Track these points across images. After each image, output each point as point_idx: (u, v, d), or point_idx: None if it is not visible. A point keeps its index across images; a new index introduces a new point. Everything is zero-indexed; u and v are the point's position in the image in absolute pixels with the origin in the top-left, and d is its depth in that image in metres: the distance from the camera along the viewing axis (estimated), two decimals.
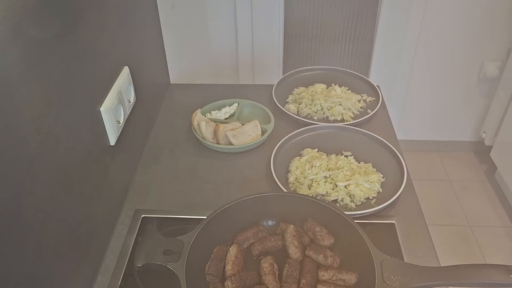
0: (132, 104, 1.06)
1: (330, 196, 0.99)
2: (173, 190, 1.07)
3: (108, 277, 0.87)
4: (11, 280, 0.60)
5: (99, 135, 0.89)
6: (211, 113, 1.28)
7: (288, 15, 2.11)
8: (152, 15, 1.30)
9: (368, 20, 2.14)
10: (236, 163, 1.14)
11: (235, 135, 1.16)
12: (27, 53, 0.62)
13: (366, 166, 1.07)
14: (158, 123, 1.30)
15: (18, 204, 0.61)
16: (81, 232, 0.81)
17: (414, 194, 1.03)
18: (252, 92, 1.41)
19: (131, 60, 1.08)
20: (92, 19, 0.85)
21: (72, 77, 0.76)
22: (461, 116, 2.47)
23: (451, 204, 2.33)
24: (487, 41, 2.17)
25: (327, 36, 2.20)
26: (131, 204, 1.03)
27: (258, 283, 0.80)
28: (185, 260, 0.76)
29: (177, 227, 0.96)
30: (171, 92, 1.45)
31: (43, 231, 0.68)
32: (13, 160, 0.60)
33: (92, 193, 0.86)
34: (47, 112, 0.68)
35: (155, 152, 1.19)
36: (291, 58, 2.27)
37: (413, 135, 2.56)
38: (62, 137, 0.73)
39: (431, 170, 2.55)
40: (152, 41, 1.31)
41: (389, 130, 1.24)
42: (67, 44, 0.74)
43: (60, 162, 0.73)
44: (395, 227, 0.94)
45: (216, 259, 0.81)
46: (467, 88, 2.35)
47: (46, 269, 0.69)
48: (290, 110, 1.30)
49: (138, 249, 0.80)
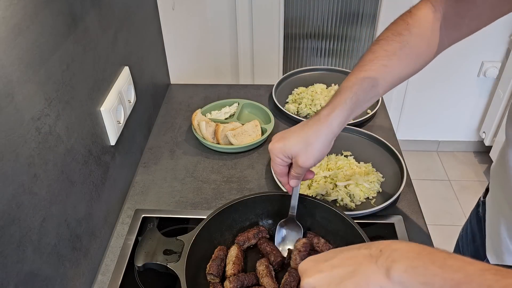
0: (132, 104, 1.06)
1: (330, 196, 0.99)
2: (173, 190, 1.07)
3: (108, 277, 0.87)
4: (11, 280, 0.60)
5: (99, 135, 0.89)
6: (211, 113, 1.28)
7: (288, 15, 2.11)
8: (152, 15, 1.30)
9: (368, 20, 2.14)
10: (236, 163, 1.14)
11: (235, 135, 1.16)
12: (27, 53, 0.62)
13: (366, 166, 1.07)
14: (158, 123, 1.30)
15: (18, 204, 0.61)
16: (81, 232, 0.81)
17: (414, 194, 1.03)
18: (252, 92, 1.41)
19: (131, 60, 1.08)
20: (92, 19, 0.85)
21: (72, 77, 0.76)
22: (461, 116, 2.47)
23: (451, 204, 2.33)
24: (487, 41, 2.17)
25: (327, 36, 2.20)
26: (131, 204, 1.03)
27: (256, 283, 0.80)
28: (185, 260, 0.76)
29: (177, 227, 0.96)
30: (171, 92, 1.45)
31: (43, 231, 0.68)
32: (13, 160, 0.60)
33: (92, 193, 0.86)
34: (47, 112, 0.68)
35: (155, 152, 1.19)
36: (291, 58, 2.27)
37: (413, 135, 2.56)
38: (62, 137, 0.73)
39: (431, 170, 2.55)
40: (152, 41, 1.31)
41: (389, 130, 1.24)
42: (67, 44, 0.74)
43: (60, 162, 0.73)
44: (394, 227, 0.94)
45: (217, 259, 0.81)
46: (466, 88, 2.35)
47: (46, 269, 0.69)
48: (290, 110, 1.30)
49: (138, 249, 0.81)
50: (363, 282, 0.48)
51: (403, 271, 0.46)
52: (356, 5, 2.09)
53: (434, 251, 0.47)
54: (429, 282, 0.44)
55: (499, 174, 0.85)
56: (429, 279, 0.44)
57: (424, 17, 0.76)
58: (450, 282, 0.43)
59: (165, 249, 0.79)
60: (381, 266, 0.48)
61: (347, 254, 0.52)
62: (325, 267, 0.53)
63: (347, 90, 0.73)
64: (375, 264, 0.48)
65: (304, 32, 2.18)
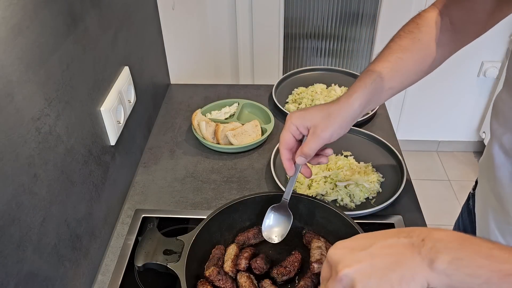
0: (132, 104, 1.06)
1: (330, 196, 0.99)
2: (173, 190, 1.07)
3: (108, 277, 0.87)
4: (11, 280, 0.60)
5: (99, 135, 0.89)
6: (211, 113, 1.28)
7: (288, 15, 2.11)
8: (152, 15, 1.30)
9: (368, 20, 2.14)
10: (236, 163, 1.14)
11: (235, 135, 1.16)
12: (27, 53, 0.62)
13: (366, 166, 1.08)
14: (158, 123, 1.30)
15: (18, 204, 0.61)
16: (81, 232, 0.81)
17: (414, 194, 1.03)
18: (252, 92, 1.41)
19: (131, 60, 1.08)
20: (92, 19, 0.85)
21: (72, 77, 0.76)
22: (460, 116, 2.47)
23: (451, 204, 2.33)
24: (487, 41, 2.17)
25: (327, 36, 2.20)
26: (131, 204, 1.03)
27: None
28: (185, 260, 0.76)
29: (177, 227, 0.96)
30: (171, 92, 1.45)
31: (43, 231, 0.68)
32: (13, 160, 0.60)
33: (92, 193, 0.86)
34: (47, 112, 0.68)
35: (155, 152, 1.19)
36: (291, 58, 2.27)
37: (413, 135, 2.56)
38: (62, 137, 0.73)
39: (430, 170, 2.55)
40: (152, 41, 1.31)
41: (389, 130, 1.24)
42: (67, 44, 0.74)
43: (60, 162, 0.73)
44: (394, 227, 0.94)
45: (214, 259, 0.81)
46: (466, 88, 2.35)
47: (46, 269, 0.69)
48: (290, 110, 1.30)
49: (138, 249, 0.81)
50: (408, 274, 0.46)
51: (449, 262, 0.44)
52: (356, 5, 2.09)
53: (478, 241, 0.45)
54: (475, 273, 0.43)
55: (485, 167, 0.87)
56: (475, 270, 0.43)
57: (432, 19, 0.81)
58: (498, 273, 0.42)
59: (165, 249, 0.79)
60: (425, 257, 0.46)
61: (386, 242, 0.49)
62: (363, 257, 0.49)
63: (367, 77, 0.76)
64: (418, 255, 0.46)
65: (304, 32, 2.18)
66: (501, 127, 0.79)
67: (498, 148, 0.79)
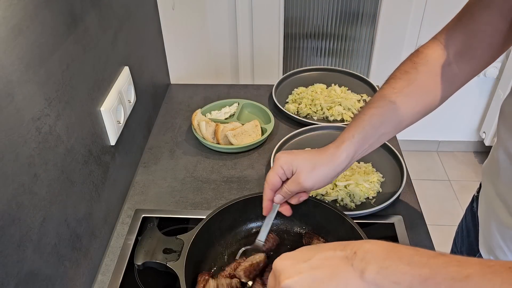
0: (132, 104, 1.06)
1: (330, 196, 0.99)
2: (173, 190, 1.07)
3: (108, 276, 0.87)
4: (11, 280, 0.60)
5: (99, 135, 0.89)
6: (211, 113, 1.28)
7: (288, 15, 2.11)
8: (152, 15, 1.30)
9: (368, 20, 2.14)
10: (236, 163, 1.14)
11: (235, 135, 1.16)
12: (27, 53, 0.62)
13: (366, 166, 1.08)
14: (158, 123, 1.30)
15: (18, 204, 0.61)
16: (81, 232, 0.81)
17: (414, 194, 1.03)
18: (252, 92, 1.41)
19: (131, 60, 1.08)
20: (92, 19, 0.85)
21: (72, 77, 0.76)
22: (461, 116, 2.47)
23: (451, 204, 2.33)
24: None
25: (327, 36, 2.20)
26: (131, 204, 1.03)
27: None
28: (184, 259, 0.76)
29: (177, 227, 0.96)
30: (171, 92, 1.45)
31: (43, 231, 0.68)
32: (13, 160, 0.60)
33: (92, 193, 0.86)
34: (47, 112, 0.68)
35: (155, 152, 1.19)
36: (291, 58, 2.27)
37: (413, 135, 2.56)
38: (62, 137, 0.73)
39: (430, 170, 2.55)
40: (152, 41, 1.31)
41: None
42: (67, 44, 0.74)
43: (60, 162, 0.73)
44: (394, 227, 0.94)
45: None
46: (466, 88, 2.33)
47: (46, 269, 0.69)
48: (290, 110, 1.30)
49: (138, 248, 0.81)
50: (342, 285, 0.49)
51: (376, 272, 0.47)
52: (356, 5, 2.09)
53: (402, 249, 0.48)
54: (399, 280, 0.45)
55: (490, 171, 0.86)
56: (399, 277, 0.45)
57: (431, 55, 0.77)
58: (418, 278, 0.44)
59: (165, 248, 0.79)
60: (356, 269, 0.48)
61: (325, 255, 0.52)
62: (304, 268, 0.52)
63: (356, 125, 0.75)
64: (351, 266, 0.49)
65: (304, 32, 2.18)
66: (507, 131, 0.78)
67: (503, 152, 0.78)
